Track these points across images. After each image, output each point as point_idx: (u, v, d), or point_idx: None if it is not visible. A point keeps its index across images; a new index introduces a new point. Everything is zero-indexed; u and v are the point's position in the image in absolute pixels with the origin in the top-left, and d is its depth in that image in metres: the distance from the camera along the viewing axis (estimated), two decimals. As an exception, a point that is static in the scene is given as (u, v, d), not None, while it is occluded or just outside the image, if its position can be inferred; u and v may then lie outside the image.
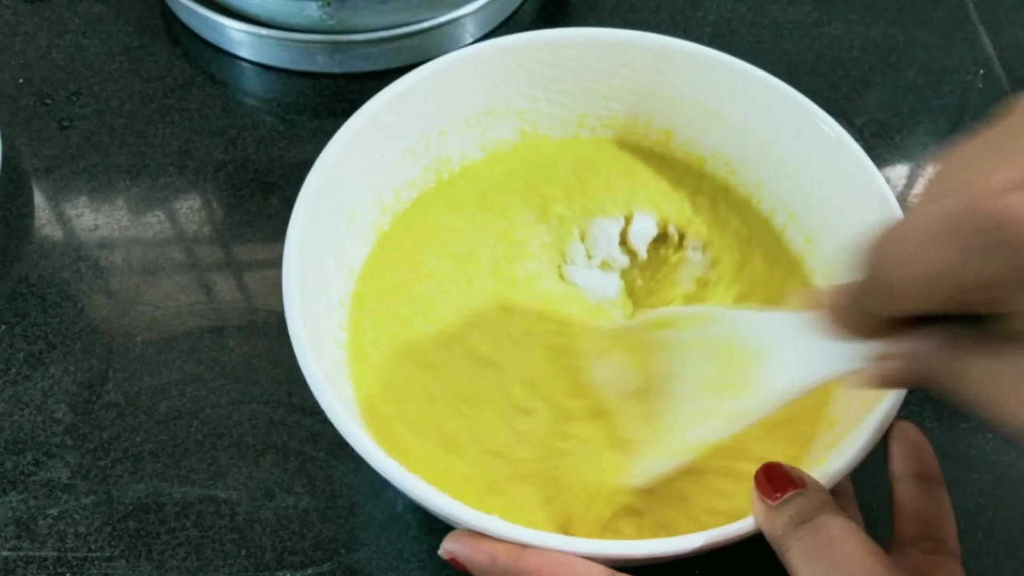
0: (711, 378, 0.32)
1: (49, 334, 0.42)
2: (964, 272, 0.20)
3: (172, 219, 0.46)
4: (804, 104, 0.38)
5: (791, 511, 0.28)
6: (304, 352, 0.31)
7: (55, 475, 0.38)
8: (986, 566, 0.37)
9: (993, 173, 0.20)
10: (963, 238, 0.20)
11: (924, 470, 0.32)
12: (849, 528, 0.27)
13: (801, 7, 0.57)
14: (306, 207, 0.34)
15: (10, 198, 0.47)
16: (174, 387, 0.41)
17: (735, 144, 0.40)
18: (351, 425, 0.30)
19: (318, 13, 0.50)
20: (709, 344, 0.32)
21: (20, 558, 0.36)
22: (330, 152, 0.35)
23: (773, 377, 0.29)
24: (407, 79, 0.38)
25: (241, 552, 0.37)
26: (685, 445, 0.32)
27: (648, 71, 0.40)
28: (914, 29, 0.56)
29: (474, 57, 0.39)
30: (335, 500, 0.38)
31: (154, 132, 0.49)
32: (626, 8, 0.56)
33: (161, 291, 0.44)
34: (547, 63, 0.40)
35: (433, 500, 0.29)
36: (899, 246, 0.22)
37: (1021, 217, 0.19)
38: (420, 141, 0.39)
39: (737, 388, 0.31)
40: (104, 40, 0.53)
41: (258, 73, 0.53)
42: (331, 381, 0.31)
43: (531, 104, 0.41)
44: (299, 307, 0.32)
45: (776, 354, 0.29)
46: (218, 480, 0.38)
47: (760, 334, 0.30)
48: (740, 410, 0.31)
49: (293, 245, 0.33)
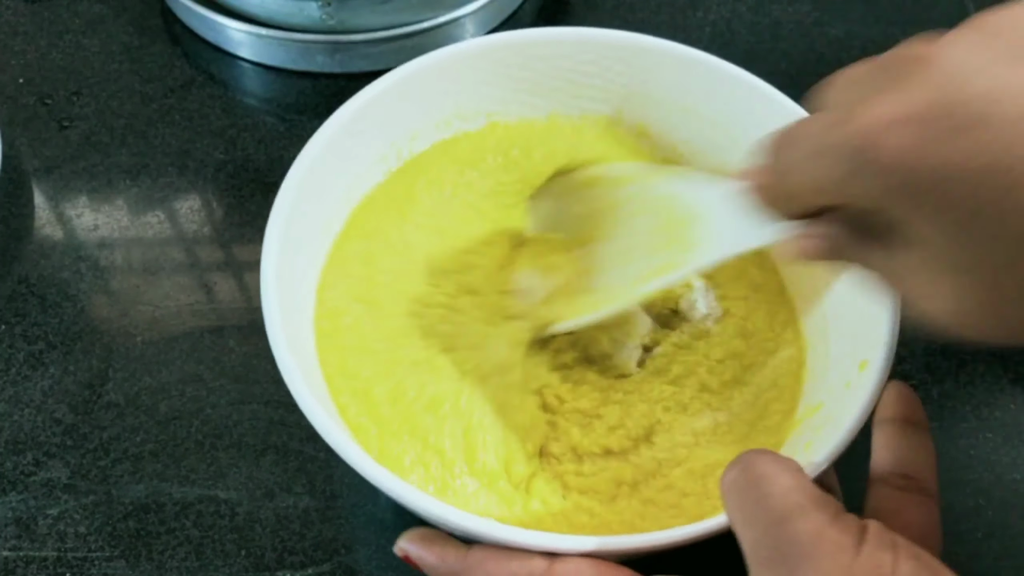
0: (652, 229, 0.34)
1: (49, 334, 0.42)
2: (843, 185, 0.23)
3: (172, 219, 0.46)
4: (780, 100, 0.37)
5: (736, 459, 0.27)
6: (292, 375, 0.31)
7: (55, 475, 0.38)
8: (986, 566, 0.37)
9: (876, 103, 0.22)
10: (840, 157, 0.22)
11: (906, 414, 0.31)
12: (779, 465, 0.26)
13: (801, 7, 0.57)
14: (279, 226, 0.34)
15: (10, 198, 0.47)
16: (174, 387, 0.41)
17: (709, 139, 0.40)
18: (326, 420, 0.30)
19: (318, 13, 0.50)
20: (651, 200, 0.35)
21: (20, 558, 0.36)
22: (300, 166, 0.35)
23: (707, 237, 0.32)
24: (375, 86, 0.38)
25: (241, 552, 0.37)
26: (616, 292, 0.34)
27: (616, 69, 0.40)
28: (914, 29, 0.56)
29: (440, 62, 0.39)
30: (335, 500, 0.38)
31: (154, 132, 0.49)
32: (626, 8, 0.56)
33: (161, 291, 0.44)
34: (514, 64, 0.40)
35: (390, 487, 0.29)
36: (792, 151, 0.25)
37: (888, 148, 0.21)
38: (392, 147, 0.39)
39: (674, 243, 0.33)
40: (104, 40, 0.53)
41: (258, 73, 0.53)
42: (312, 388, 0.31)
43: (501, 106, 0.41)
44: (280, 329, 0.32)
45: (711, 218, 0.32)
46: (218, 480, 0.38)
47: (697, 197, 0.33)
48: (674, 262, 0.32)
49: (271, 267, 0.33)
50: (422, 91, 0.39)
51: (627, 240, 0.35)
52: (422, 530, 0.30)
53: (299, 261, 0.35)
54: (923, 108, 0.21)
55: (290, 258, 0.34)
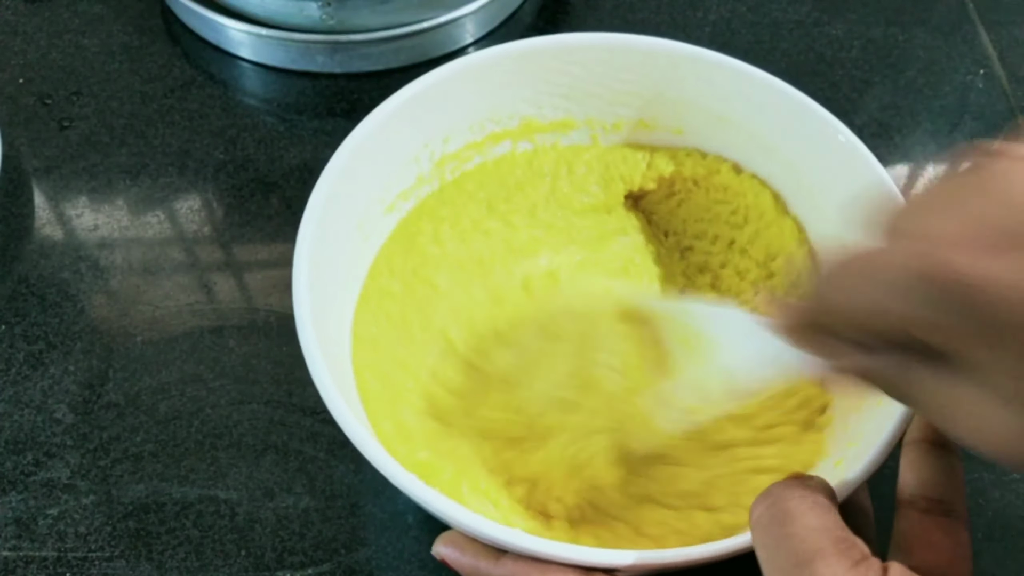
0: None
1: (49, 334, 0.42)
2: (912, 317, 0.22)
3: (172, 219, 0.46)
4: (814, 108, 0.37)
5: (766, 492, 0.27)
6: (320, 373, 0.31)
7: (55, 475, 0.38)
8: (986, 566, 0.37)
9: (949, 226, 0.22)
10: (915, 287, 0.22)
11: (934, 435, 0.31)
12: (807, 502, 0.25)
13: (801, 7, 0.57)
14: (312, 226, 0.34)
15: (10, 198, 0.47)
16: (174, 387, 0.41)
17: (742, 147, 0.40)
18: (369, 440, 0.30)
19: (318, 13, 0.50)
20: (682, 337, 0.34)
21: (20, 558, 0.36)
22: (335, 164, 0.35)
23: (732, 369, 0.31)
24: (410, 88, 0.37)
25: (241, 552, 0.37)
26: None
27: (653, 75, 0.40)
28: (914, 29, 0.56)
29: (477, 65, 0.39)
30: (335, 500, 0.38)
31: (154, 132, 0.49)
32: (626, 8, 0.56)
33: (161, 291, 0.44)
34: (551, 69, 0.40)
35: (427, 499, 0.29)
36: (852, 281, 0.23)
37: (972, 279, 0.21)
38: (425, 149, 0.39)
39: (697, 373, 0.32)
40: (104, 40, 0.53)
41: (258, 73, 0.53)
42: (343, 393, 0.31)
43: (535, 110, 0.41)
44: (311, 326, 0.32)
45: (735, 351, 0.31)
46: (218, 480, 0.38)
47: (721, 330, 0.32)
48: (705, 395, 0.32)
49: (303, 263, 0.33)
50: (457, 94, 0.39)
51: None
52: (453, 534, 0.30)
53: (331, 274, 0.35)
54: (996, 234, 0.21)
55: (321, 272, 0.34)
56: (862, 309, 0.23)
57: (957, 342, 0.22)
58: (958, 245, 0.21)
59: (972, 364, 0.22)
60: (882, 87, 0.54)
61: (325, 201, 0.34)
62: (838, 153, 0.37)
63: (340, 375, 0.33)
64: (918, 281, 0.22)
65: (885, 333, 0.24)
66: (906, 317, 0.22)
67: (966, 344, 0.22)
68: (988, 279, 0.21)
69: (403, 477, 0.29)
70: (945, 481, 0.30)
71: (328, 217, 0.35)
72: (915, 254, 0.22)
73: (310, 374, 0.31)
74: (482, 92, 0.40)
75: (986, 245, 0.21)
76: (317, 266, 0.33)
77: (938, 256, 0.21)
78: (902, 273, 0.22)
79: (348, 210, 0.36)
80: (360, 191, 0.37)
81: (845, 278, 0.24)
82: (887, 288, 0.22)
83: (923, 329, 0.22)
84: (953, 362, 0.23)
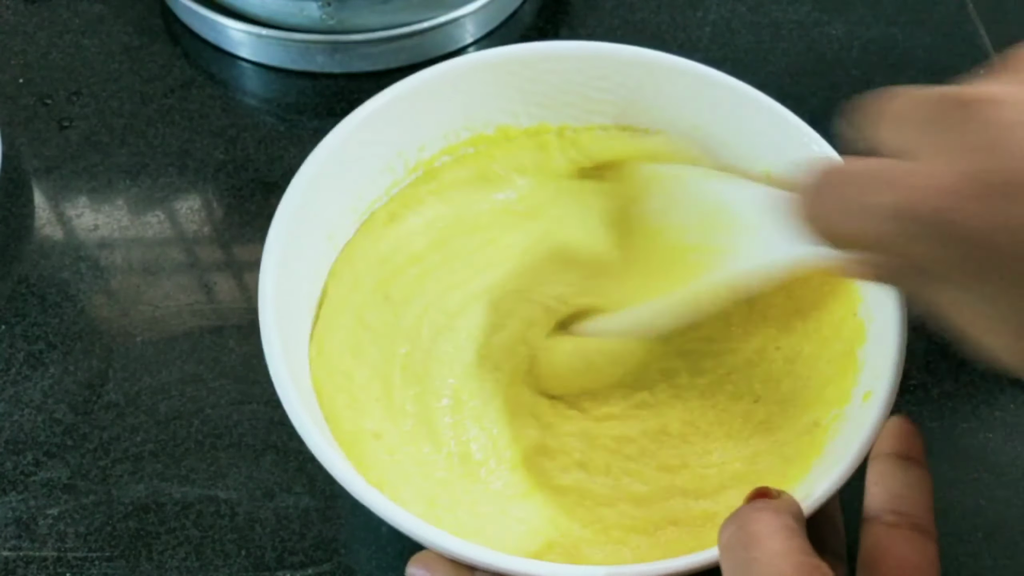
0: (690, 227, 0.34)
1: (49, 334, 0.42)
2: (888, 244, 0.23)
3: (172, 219, 0.46)
4: (788, 117, 0.37)
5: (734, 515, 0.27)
6: (286, 389, 0.31)
7: (55, 475, 0.38)
8: (986, 566, 0.37)
9: (926, 163, 0.22)
10: (886, 218, 0.22)
11: (903, 450, 0.30)
12: (771, 526, 0.25)
13: (801, 7, 0.57)
14: (279, 240, 0.34)
15: (10, 198, 0.47)
16: (174, 387, 0.41)
17: (717, 155, 0.40)
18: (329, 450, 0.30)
19: (318, 13, 0.50)
20: (692, 202, 0.35)
21: (20, 558, 0.36)
22: (304, 173, 0.35)
23: (747, 244, 0.31)
24: (382, 96, 0.37)
25: (241, 552, 0.37)
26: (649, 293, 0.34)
27: (628, 83, 0.40)
28: (914, 29, 0.56)
29: (452, 72, 0.38)
30: (335, 500, 0.38)
31: (154, 132, 0.49)
32: (626, 8, 0.56)
33: (161, 291, 0.44)
34: (525, 77, 0.40)
35: (389, 514, 0.29)
36: (837, 198, 0.24)
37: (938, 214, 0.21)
38: (399, 158, 0.39)
39: (714, 251, 0.32)
40: (104, 40, 0.53)
41: (258, 73, 0.53)
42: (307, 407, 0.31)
43: (511, 119, 0.41)
44: (277, 339, 0.32)
45: (753, 225, 0.31)
46: (218, 480, 0.38)
47: (741, 203, 0.32)
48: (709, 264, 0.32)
49: (269, 278, 0.33)
50: (431, 102, 0.39)
51: (663, 241, 0.35)
52: (426, 554, 0.30)
53: (299, 271, 0.35)
54: (975, 173, 0.21)
55: (289, 273, 0.34)
56: (849, 226, 0.24)
57: (944, 270, 0.23)
58: (931, 184, 0.22)
59: (966, 287, 0.23)
60: (882, 87, 0.53)
61: (294, 211, 0.34)
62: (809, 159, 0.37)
63: (304, 391, 0.33)
64: (893, 214, 0.22)
65: (876, 252, 0.24)
66: (889, 246, 0.23)
67: (955, 273, 0.23)
68: (965, 219, 0.21)
69: (369, 494, 0.29)
70: (913, 495, 0.29)
71: (297, 228, 0.34)
72: (888, 182, 0.23)
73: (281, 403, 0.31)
74: (457, 100, 0.39)
75: (959, 187, 0.21)
76: (284, 279, 0.33)
77: (913, 193, 0.22)
78: (879, 202, 0.23)
79: (318, 220, 0.36)
80: (331, 201, 0.37)
81: (832, 187, 0.25)
82: (865, 213, 0.23)
83: (908, 257, 0.23)
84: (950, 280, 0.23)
